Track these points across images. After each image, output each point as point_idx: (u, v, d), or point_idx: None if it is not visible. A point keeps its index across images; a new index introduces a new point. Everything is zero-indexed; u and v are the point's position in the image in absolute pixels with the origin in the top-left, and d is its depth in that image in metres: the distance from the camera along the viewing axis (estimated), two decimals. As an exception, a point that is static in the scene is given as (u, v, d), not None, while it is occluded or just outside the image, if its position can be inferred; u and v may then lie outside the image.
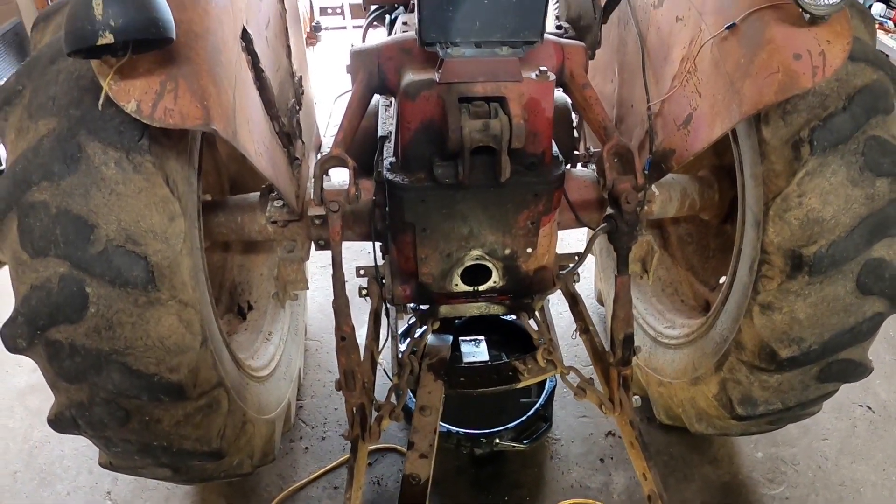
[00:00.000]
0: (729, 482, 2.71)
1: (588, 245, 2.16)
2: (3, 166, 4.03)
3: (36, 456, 2.88)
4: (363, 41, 3.46)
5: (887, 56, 2.06)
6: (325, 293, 3.56)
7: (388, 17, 3.28)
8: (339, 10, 4.18)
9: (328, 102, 3.42)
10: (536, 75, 1.87)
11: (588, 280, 3.52)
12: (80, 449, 2.81)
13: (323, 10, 4.24)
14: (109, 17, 1.31)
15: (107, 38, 1.32)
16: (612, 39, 2.53)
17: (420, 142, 1.91)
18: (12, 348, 1.75)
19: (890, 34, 4.41)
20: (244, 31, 1.78)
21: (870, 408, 3.02)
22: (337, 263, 1.95)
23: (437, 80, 1.82)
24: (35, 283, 1.65)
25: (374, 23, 3.46)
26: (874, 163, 1.86)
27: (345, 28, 3.90)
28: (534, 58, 1.95)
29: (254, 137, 1.75)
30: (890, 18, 4.55)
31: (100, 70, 1.44)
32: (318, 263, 3.72)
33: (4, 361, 3.43)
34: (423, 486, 2.06)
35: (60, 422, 1.87)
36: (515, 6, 1.74)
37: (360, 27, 3.74)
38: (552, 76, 1.89)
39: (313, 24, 4.04)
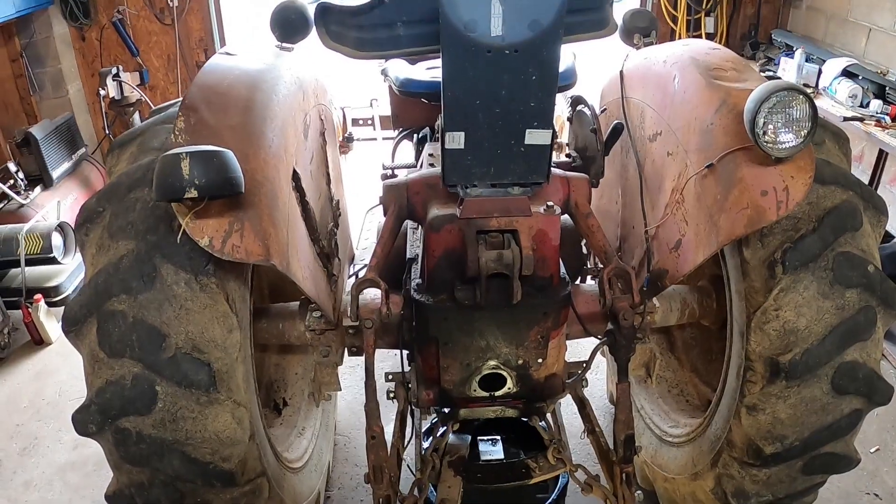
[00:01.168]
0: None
1: (591, 357, 2.41)
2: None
3: (72, 530, 3.08)
4: (392, 159, 3.85)
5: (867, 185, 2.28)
6: (354, 392, 3.79)
7: (415, 135, 3.66)
8: (370, 122, 4.53)
9: (360, 211, 3.77)
10: (544, 210, 2.16)
11: (601, 381, 3.72)
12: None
13: (355, 122, 4.61)
14: (195, 177, 1.64)
15: (192, 194, 1.65)
16: (617, 164, 2.84)
17: (443, 267, 2.19)
18: (82, 432, 2.03)
19: (887, 130, 4.54)
20: (294, 171, 2.12)
21: (877, 495, 3.10)
22: (370, 372, 2.21)
23: (458, 215, 2.12)
24: (110, 379, 1.94)
25: (403, 139, 3.84)
26: (843, 276, 2.08)
27: (375, 139, 4.27)
28: (543, 191, 2.25)
29: (301, 264, 2.05)
30: (888, 114, 4.70)
31: (179, 210, 1.76)
32: (347, 364, 3.92)
33: (46, 437, 3.70)
34: (441, 572, 2.25)
35: (118, 498, 2.14)
36: (524, 156, 2.06)
37: (389, 138, 4.11)
38: (558, 210, 2.19)
39: (346, 134, 4.40)
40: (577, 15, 2.08)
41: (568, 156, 2.70)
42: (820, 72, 5.38)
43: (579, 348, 2.94)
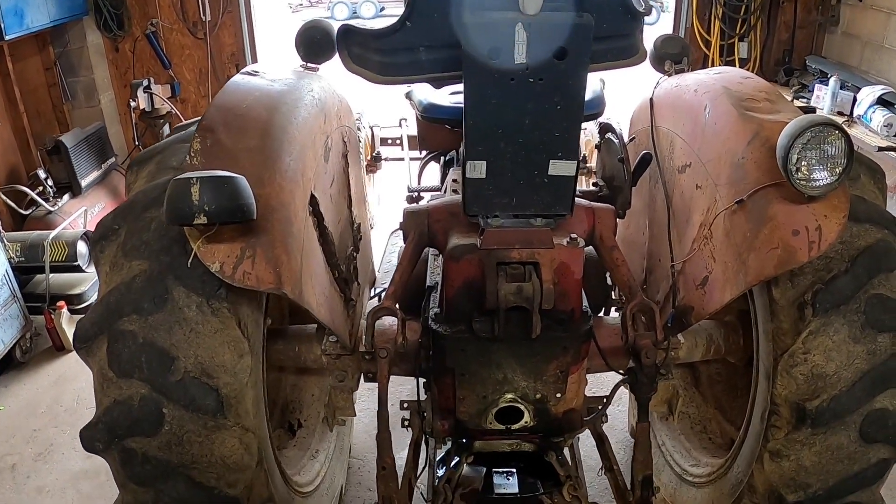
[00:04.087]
0: None
1: (611, 394, 2.33)
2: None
3: (82, 538, 3.09)
4: (418, 181, 3.81)
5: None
6: (371, 414, 3.68)
7: (442, 158, 3.63)
8: (398, 141, 4.53)
9: (385, 232, 3.73)
10: (567, 242, 2.10)
11: (622, 413, 3.63)
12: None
13: (383, 141, 4.61)
14: (204, 203, 1.63)
15: (201, 220, 1.64)
16: (645, 195, 2.77)
17: (462, 298, 2.14)
18: (89, 448, 2.02)
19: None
20: (312, 196, 2.09)
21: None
22: (382, 402, 2.16)
23: (479, 245, 2.07)
24: (118, 398, 1.93)
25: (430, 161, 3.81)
26: (876, 320, 1.99)
27: (402, 159, 4.27)
28: (567, 222, 2.20)
29: (315, 291, 2.02)
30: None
31: (191, 234, 1.75)
32: (366, 387, 3.88)
33: (62, 444, 3.71)
34: None
35: None
36: (548, 186, 2.01)
37: (417, 159, 4.09)
38: (581, 243, 2.13)
39: (374, 153, 4.40)
40: (604, 42, 2.03)
41: (595, 184, 2.64)
42: (855, 99, 5.29)
43: (601, 380, 2.86)
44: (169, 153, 2.20)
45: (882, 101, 5.00)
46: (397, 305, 2.19)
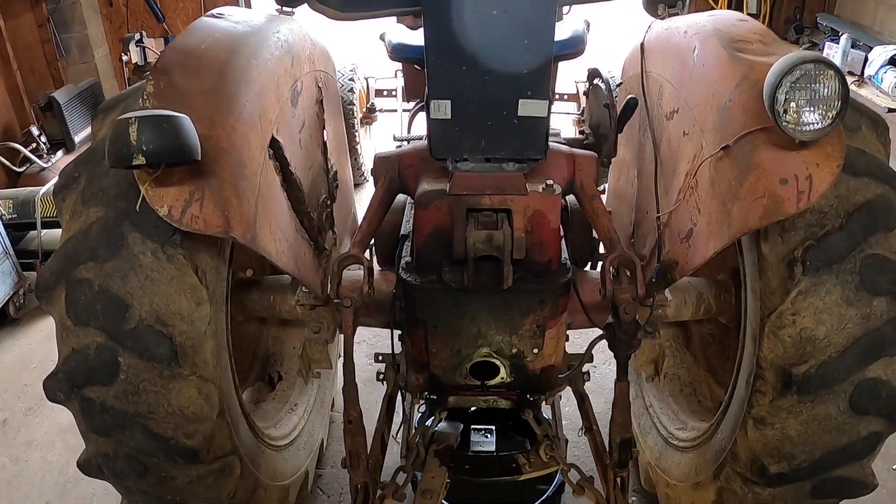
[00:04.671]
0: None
1: (587, 351, 2.24)
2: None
3: (69, 490, 3.12)
4: (408, 131, 3.71)
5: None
6: (358, 370, 3.69)
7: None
8: (393, 93, 4.46)
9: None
10: (543, 189, 2.00)
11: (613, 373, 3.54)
12: (111, 489, 2.99)
13: (378, 93, 4.52)
14: (142, 143, 1.56)
15: (140, 160, 1.57)
16: (634, 144, 2.65)
17: (432, 247, 2.07)
18: (52, 398, 1.99)
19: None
20: (273, 139, 2.00)
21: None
22: (348, 354, 2.09)
23: (448, 191, 1.98)
24: (76, 347, 1.89)
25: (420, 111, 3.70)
26: (871, 282, 1.86)
27: (395, 111, 4.18)
28: (544, 169, 2.09)
29: (276, 237, 1.94)
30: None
31: (140, 177, 1.69)
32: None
33: (53, 400, 3.75)
34: (416, 567, 2.14)
35: (88, 467, 2.11)
36: (518, 128, 1.90)
37: (409, 111, 3.99)
38: (558, 189, 2.02)
39: (368, 105, 4.32)
40: None
41: (581, 132, 2.52)
42: (866, 59, 5.11)
43: (586, 339, 2.76)
44: (132, 100, 2.11)
45: (894, 62, 4.84)
46: (366, 254, 2.10)
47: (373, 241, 2.38)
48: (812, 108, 1.69)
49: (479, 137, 1.93)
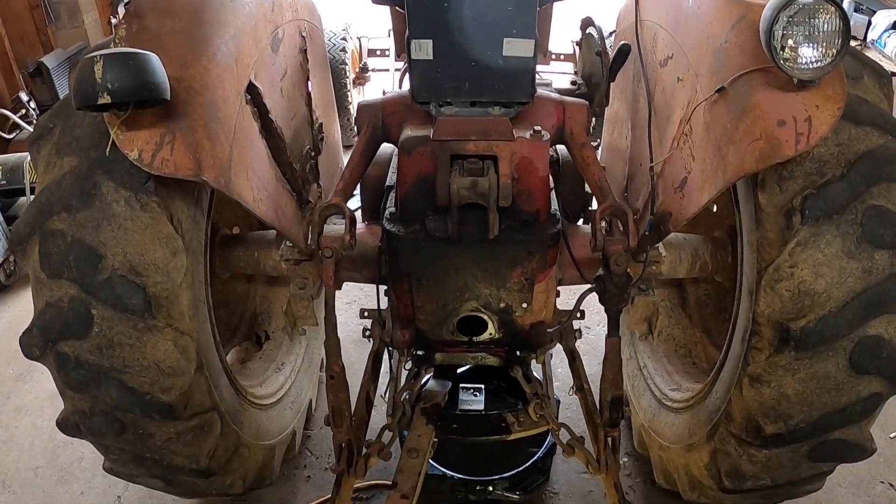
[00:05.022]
0: (730, 555, 2.61)
1: (576, 304, 2.18)
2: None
3: (58, 455, 3.11)
4: (400, 86, 3.62)
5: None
6: (348, 329, 3.67)
7: None
8: (386, 53, 4.38)
9: None
10: (530, 135, 1.93)
11: (597, 337, 3.48)
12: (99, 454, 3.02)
13: (371, 52, 4.45)
14: (108, 81, 1.51)
15: (105, 99, 1.51)
16: (628, 96, 2.57)
17: (415, 195, 2.01)
18: (28, 355, 1.97)
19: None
20: (251, 84, 1.93)
21: (892, 485, 2.85)
22: (329, 306, 2.04)
23: (431, 136, 1.91)
24: (49, 301, 1.85)
25: None
26: (873, 234, 1.78)
27: (387, 70, 4.10)
28: (532, 116, 2.02)
29: (253, 185, 1.89)
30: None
31: (110, 120, 1.64)
32: (343, 300, 3.84)
33: (40, 365, 3.71)
34: (401, 525, 2.10)
35: (66, 425, 2.07)
36: (504, 70, 1.82)
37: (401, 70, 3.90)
38: (546, 136, 1.95)
39: (361, 65, 4.25)
40: None
41: (573, 83, 2.44)
42: (869, 23, 5.04)
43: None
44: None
45: (898, 27, 4.74)
46: (349, 204, 2.04)
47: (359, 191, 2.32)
48: (811, 45, 1.61)
49: (462, 79, 1.86)
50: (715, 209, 2.87)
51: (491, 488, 2.55)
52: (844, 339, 1.84)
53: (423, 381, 2.39)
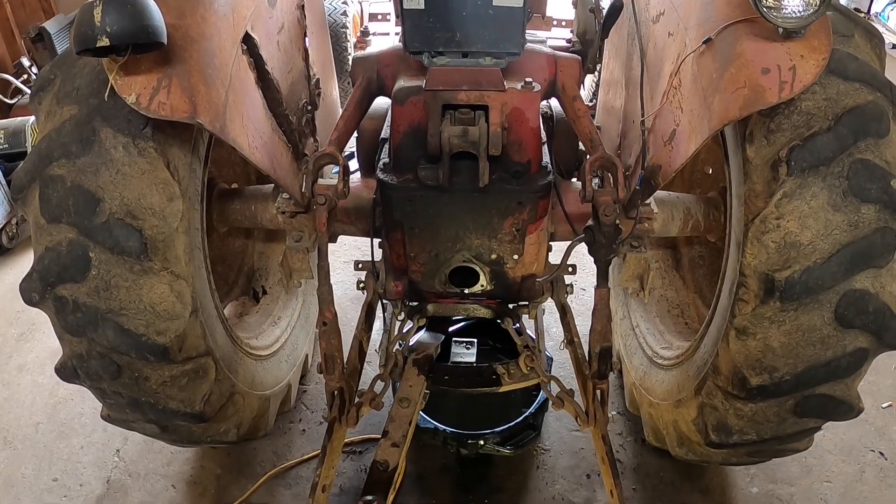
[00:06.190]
0: (718, 514, 2.66)
1: (566, 253, 2.20)
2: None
3: (59, 411, 3.17)
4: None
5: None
6: (345, 287, 3.73)
7: None
8: (388, 17, 4.38)
9: None
10: (522, 86, 1.95)
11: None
12: (98, 409, 3.06)
13: (372, 16, 4.45)
14: (107, 24, 1.54)
15: (104, 42, 1.55)
16: (622, 54, 2.58)
17: (408, 145, 2.03)
18: (28, 301, 2.00)
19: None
20: (247, 35, 1.96)
21: (882, 454, 2.89)
22: (322, 253, 2.08)
23: (424, 86, 1.93)
24: (49, 245, 1.90)
25: None
26: (860, 188, 1.79)
27: (388, 34, 4.09)
28: (525, 69, 2.03)
29: (248, 132, 1.92)
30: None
31: (108, 66, 1.68)
32: (341, 259, 3.89)
33: (42, 324, 3.79)
34: (391, 473, 2.14)
35: (64, 370, 2.11)
36: (494, 20, 1.84)
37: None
38: (537, 87, 1.97)
39: (362, 28, 4.24)
40: None
41: (568, 41, 2.45)
42: (873, -4, 4.95)
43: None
44: None
45: (902, -2, 4.68)
46: (346, 154, 2.07)
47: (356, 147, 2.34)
48: None
49: (453, 29, 1.88)
50: (710, 171, 2.89)
51: (482, 442, 2.59)
52: (829, 291, 1.85)
53: (415, 332, 2.42)
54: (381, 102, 2.35)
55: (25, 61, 5.19)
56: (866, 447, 2.91)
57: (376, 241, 2.32)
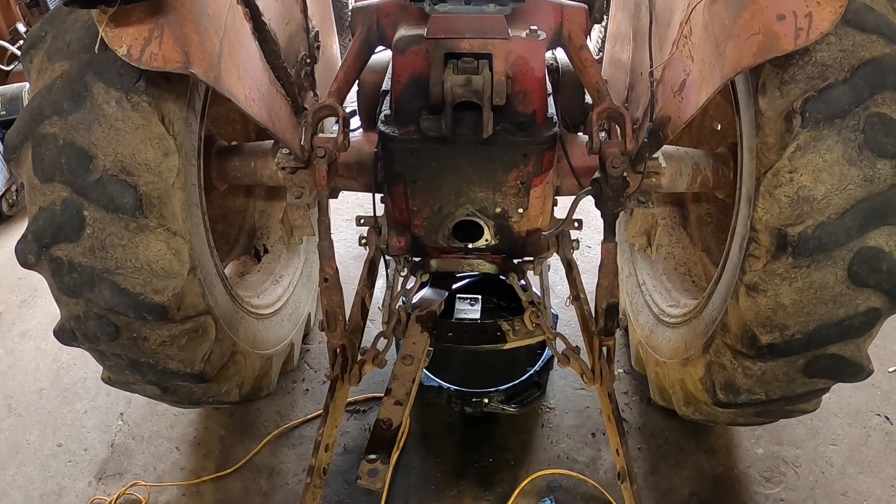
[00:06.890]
0: (723, 475, 2.64)
1: (572, 206, 2.15)
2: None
3: (62, 376, 3.17)
4: None
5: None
6: (347, 245, 3.69)
7: None
8: None
9: None
10: (527, 34, 1.89)
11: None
12: (100, 372, 3.06)
13: None
14: None
15: None
16: (630, 6, 2.50)
17: (410, 95, 1.98)
18: (24, 263, 1.97)
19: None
20: None
21: (888, 418, 2.86)
22: (323, 208, 2.03)
23: (425, 35, 1.87)
24: (43, 206, 1.86)
25: None
26: (876, 142, 1.73)
27: None
28: (530, 17, 1.97)
29: (245, 84, 1.86)
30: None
31: (98, 18, 1.62)
32: (344, 217, 3.86)
33: (44, 291, 3.75)
34: (394, 432, 2.11)
35: (63, 333, 2.08)
36: None
37: None
38: (542, 35, 1.91)
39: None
40: None
41: None
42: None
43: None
44: None
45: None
46: (348, 106, 2.02)
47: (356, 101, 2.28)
48: None
49: None
50: (719, 127, 2.83)
51: (487, 401, 2.58)
52: (843, 248, 1.80)
53: (418, 289, 2.39)
54: (382, 55, 2.29)
55: (21, 27, 5.09)
56: (872, 411, 2.88)
57: (378, 195, 2.28)
